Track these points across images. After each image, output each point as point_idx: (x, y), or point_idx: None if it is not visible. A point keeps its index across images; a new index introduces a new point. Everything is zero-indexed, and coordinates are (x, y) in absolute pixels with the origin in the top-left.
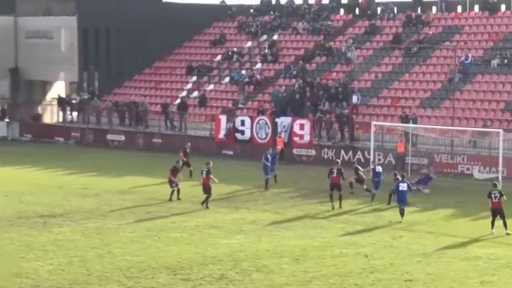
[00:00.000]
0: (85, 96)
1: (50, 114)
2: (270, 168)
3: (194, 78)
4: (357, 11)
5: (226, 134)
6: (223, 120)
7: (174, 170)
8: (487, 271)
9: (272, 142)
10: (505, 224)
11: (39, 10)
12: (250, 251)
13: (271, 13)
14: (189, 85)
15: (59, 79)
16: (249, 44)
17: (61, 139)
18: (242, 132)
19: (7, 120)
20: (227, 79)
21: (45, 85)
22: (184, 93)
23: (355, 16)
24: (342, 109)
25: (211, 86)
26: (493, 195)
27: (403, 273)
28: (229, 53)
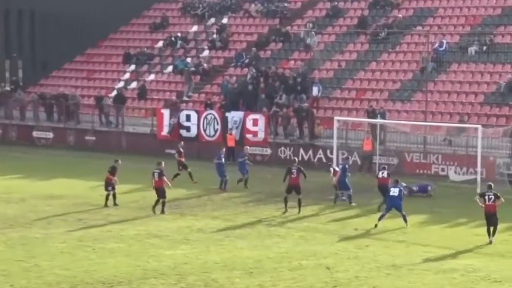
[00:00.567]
0: (7, 88)
1: None
2: (243, 169)
3: (132, 67)
4: None
5: (170, 130)
6: (166, 115)
7: (113, 170)
8: (464, 285)
9: (222, 140)
10: (494, 232)
11: None
12: (197, 264)
13: None
14: (127, 75)
15: None
16: (194, 28)
17: None
18: (188, 129)
19: None
20: (170, 68)
21: None
22: (121, 84)
23: None
24: (301, 102)
25: (151, 76)
26: (487, 197)
27: None
28: (172, 38)
